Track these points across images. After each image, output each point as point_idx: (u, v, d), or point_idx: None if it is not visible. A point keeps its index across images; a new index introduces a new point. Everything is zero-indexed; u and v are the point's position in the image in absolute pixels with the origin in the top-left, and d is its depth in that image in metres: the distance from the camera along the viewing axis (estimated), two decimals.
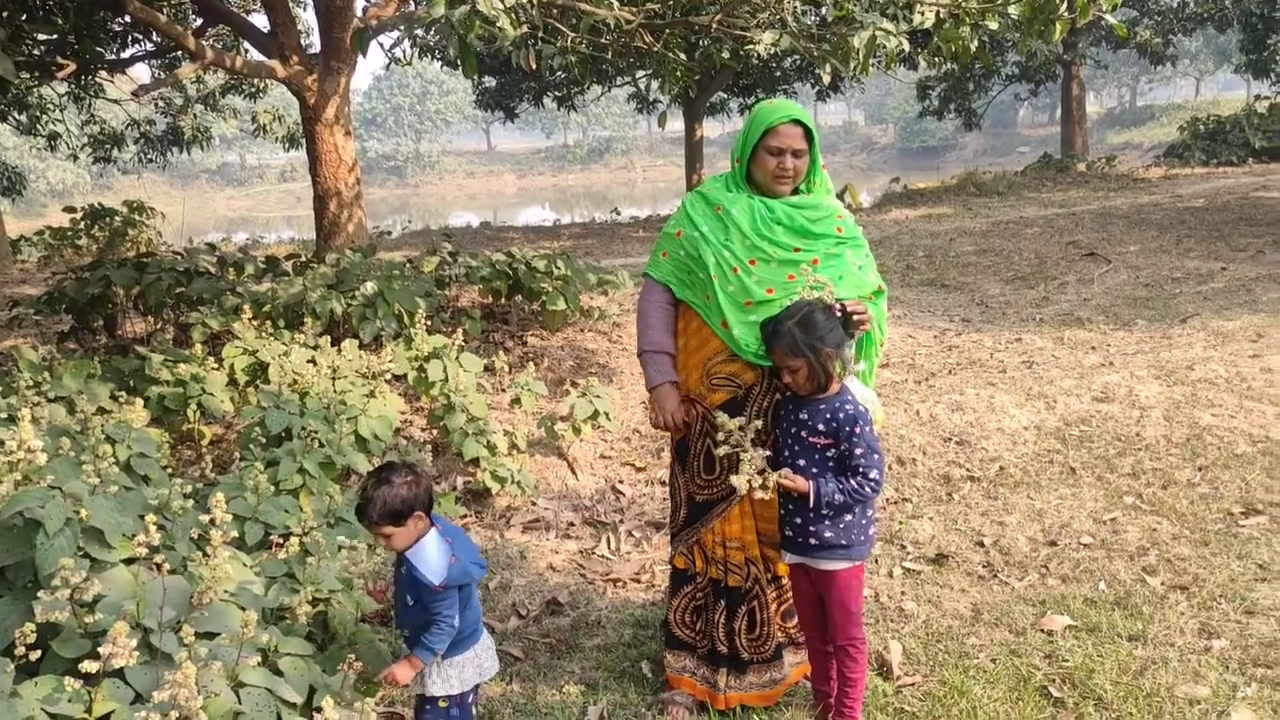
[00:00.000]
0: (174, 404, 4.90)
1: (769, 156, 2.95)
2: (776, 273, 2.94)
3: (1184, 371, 5.98)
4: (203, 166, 64.85)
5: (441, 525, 2.66)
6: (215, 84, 15.99)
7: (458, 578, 2.55)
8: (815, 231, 2.99)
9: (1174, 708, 2.98)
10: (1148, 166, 22.90)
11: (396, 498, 2.53)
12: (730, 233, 2.97)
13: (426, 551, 2.57)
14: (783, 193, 3.01)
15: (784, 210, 2.98)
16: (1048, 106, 62.12)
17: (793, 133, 2.92)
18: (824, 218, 3.02)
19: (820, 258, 2.97)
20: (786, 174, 2.96)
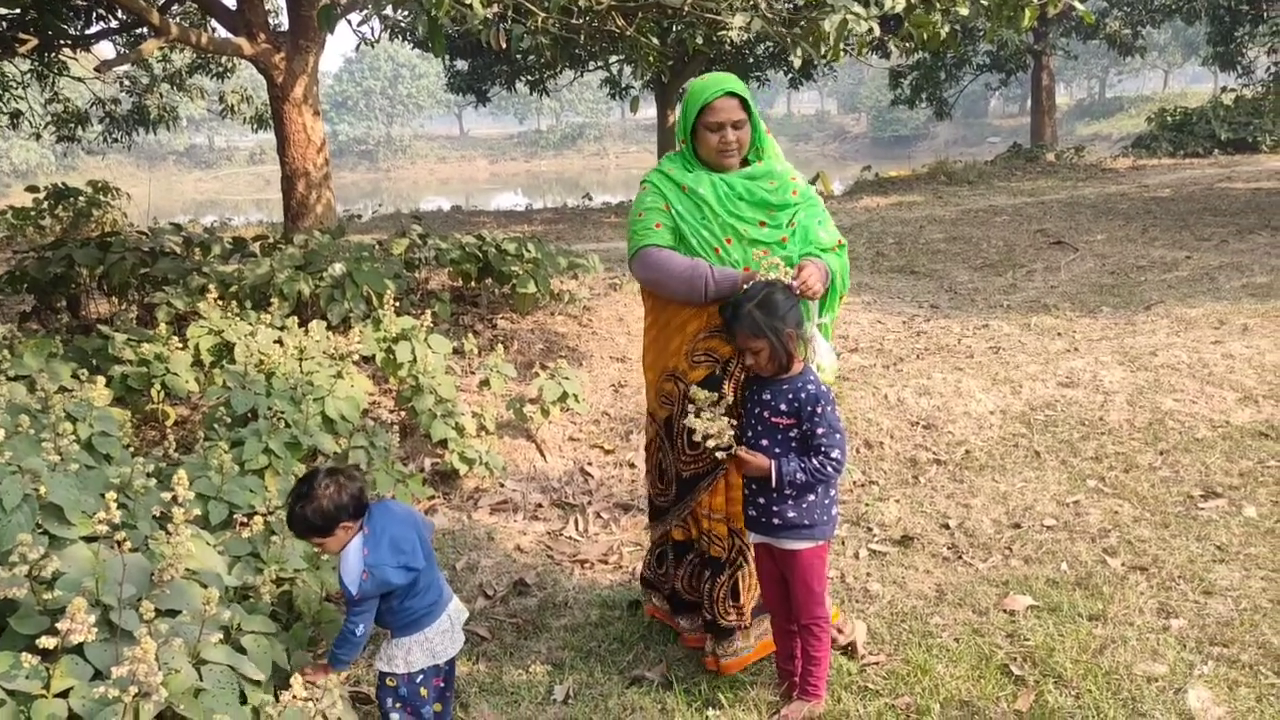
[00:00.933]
0: (137, 384, 4.84)
1: (709, 133, 2.96)
2: (747, 251, 2.96)
3: (1147, 357, 6.05)
4: (170, 148, 63.94)
5: (374, 526, 2.59)
6: (182, 63, 15.74)
7: (372, 591, 2.52)
8: (775, 202, 3.02)
9: (1132, 685, 3.02)
10: (1115, 157, 23.13)
11: (318, 512, 2.51)
12: (704, 212, 2.98)
13: (347, 559, 2.55)
14: (730, 166, 3.02)
15: (743, 185, 3.00)
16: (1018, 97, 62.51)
17: (728, 105, 2.93)
18: (780, 185, 3.04)
19: (790, 235, 3.00)
20: (729, 147, 2.97)
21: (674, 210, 3.00)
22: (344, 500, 2.53)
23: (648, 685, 3.18)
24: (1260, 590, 3.56)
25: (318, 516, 2.51)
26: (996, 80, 28.15)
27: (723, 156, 2.99)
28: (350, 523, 2.56)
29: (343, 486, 2.54)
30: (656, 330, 3.15)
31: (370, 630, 2.62)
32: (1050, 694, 3.00)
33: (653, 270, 2.99)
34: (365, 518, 2.60)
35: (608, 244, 12.53)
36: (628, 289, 8.21)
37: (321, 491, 2.52)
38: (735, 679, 3.16)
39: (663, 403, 3.16)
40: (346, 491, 2.54)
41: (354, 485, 2.57)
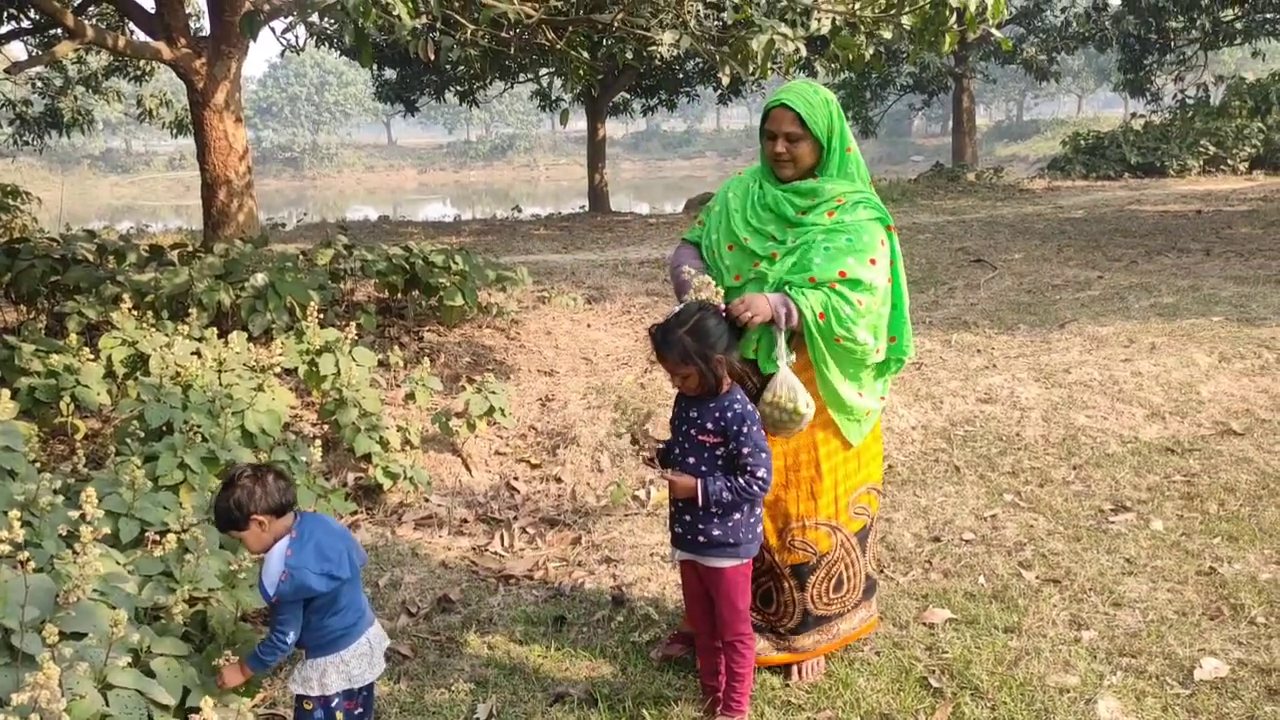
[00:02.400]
0: (45, 396, 4.68)
1: (768, 141, 3.01)
2: (744, 260, 3.01)
3: (1061, 374, 6.23)
4: (85, 151, 62.11)
5: (302, 531, 2.56)
6: (98, 65, 15.31)
7: (290, 593, 2.47)
8: (793, 219, 2.99)
9: (1045, 696, 3.10)
10: (1032, 178, 23.86)
11: (234, 504, 2.48)
12: (725, 216, 3.10)
13: (269, 561, 2.51)
14: (784, 176, 3.02)
15: (773, 196, 3.03)
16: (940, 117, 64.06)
17: (782, 116, 2.94)
18: (817, 205, 2.99)
19: (780, 252, 2.97)
20: (781, 158, 2.98)
21: (720, 210, 3.15)
22: (260, 494, 2.48)
23: (572, 702, 3.16)
24: (1166, 602, 3.68)
25: (234, 508, 2.47)
26: (919, 101, 28.83)
27: (775, 165, 3.02)
28: (266, 518, 2.50)
29: (261, 481, 2.50)
30: None
31: (298, 638, 2.56)
32: (967, 706, 3.06)
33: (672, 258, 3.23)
34: (295, 522, 2.55)
35: (537, 256, 12.50)
36: (556, 302, 8.19)
37: (240, 484, 2.49)
38: (660, 694, 3.16)
39: None
40: (265, 486, 2.49)
41: (274, 482, 2.51)
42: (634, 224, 17.06)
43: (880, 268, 2.98)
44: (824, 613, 3.23)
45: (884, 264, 3.01)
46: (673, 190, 45.28)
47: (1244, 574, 3.85)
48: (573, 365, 6.78)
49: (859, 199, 3.01)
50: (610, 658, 3.45)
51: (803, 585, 3.18)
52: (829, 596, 3.22)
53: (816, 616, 3.23)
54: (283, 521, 2.53)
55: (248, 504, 2.48)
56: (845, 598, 3.26)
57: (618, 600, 3.88)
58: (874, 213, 3.02)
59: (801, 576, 3.18)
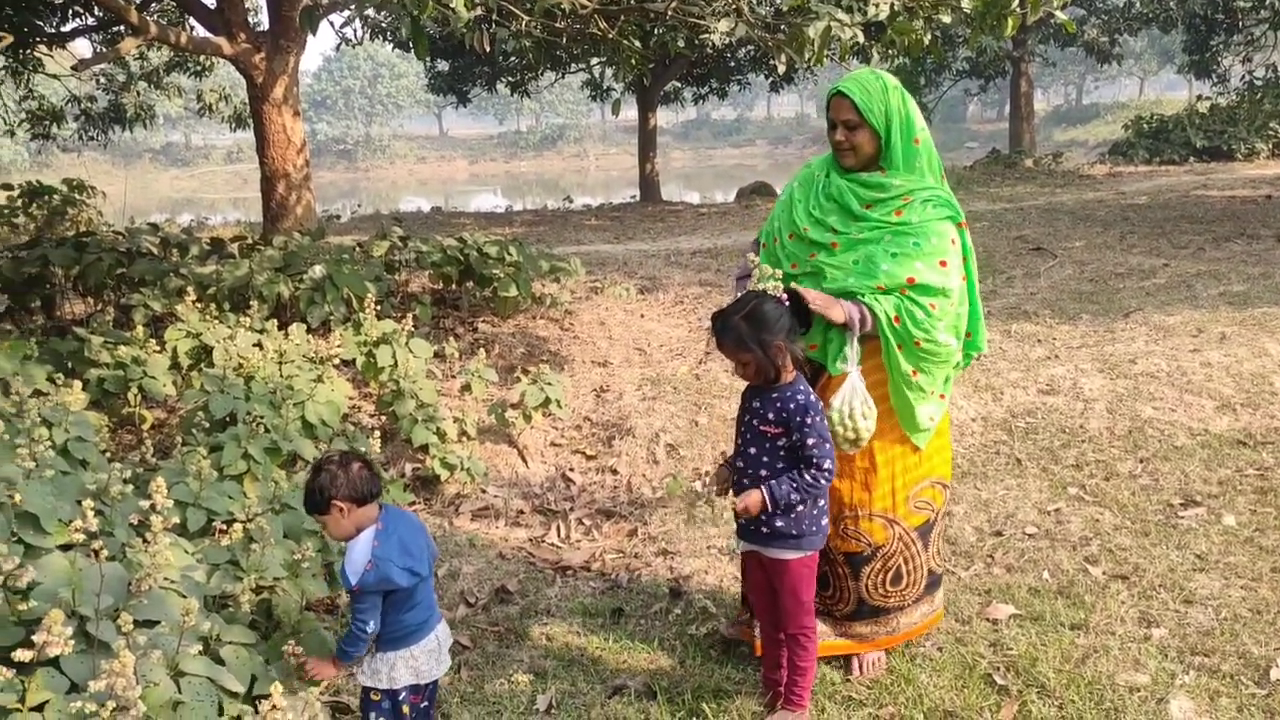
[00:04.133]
0: (114, 387, 4.78)
1: (830, 130, 3.00)
2: (802, 250, 3.01)
3: (1127, 365, 6.09)
4: (146, 146, 63.35)
5: (387, 523, 2.58)
6: (159, 61, 15.59)
7: (373, 584, 2.48)
8: (857, 212, 2.94)
9: (1115, 695, 3.03)
10: (1093, 164, 23.33)
11: (314, 487, 2.51)
12: (789, 205, 3.12)
13: (353, 551, 2.52)
14: (846, 165, 3.00)
15: (838, 187, 3.00)
16: (996, 102, 62.94)
17: (839, 105, 2.93)
18: (883, 200, 2.93)
19: (840, 244, 2.93)
20: (841, 146, 2.97)
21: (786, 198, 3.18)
22: (343, 481, 2.51)
23: (630, 695, 3.16)
24: (1240, 599, 3.58)
25: (317, 491, 2.50)
26: (975, 86, 28.34)
27: (837, 153, 3.01)
28: (347, 505, 2.52)
29: (346, 468, 2.52)
30: None
31: (378, 629, 2.58)
32: (1034, 704, 3.00)
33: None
34: (380, 514, 2.57)
35: (589, 246, 12.50)
36: (609, 293, 8.19)
37: (325, 468, 2.52)
38: (719, 687, 3.15)
39: None
40: (348, 474, 2.51)
41: (359, 471, 2.53)
42: (685, 214, 16.99)
43: (952, 269, 2.92)
44: (880, 604, 3.20)
45: (956, 264, 2.94)
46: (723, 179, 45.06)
47: None
48: (626, 356, 6.77)
49: (928, 196, 2.93)
50: (668, 650, 3.44)
51: (857, 574, 3.16)
52: (886, 588, 3.18)
53: (873, 607, 3.20)
54: (364, 511, 2.55)
55: (329, 489, 2.50)
56: (905, 591, 3.21)
57: (675, 593, 3.87)
58: (944, 210, 2.95)
59: (855, 565, 3.15)
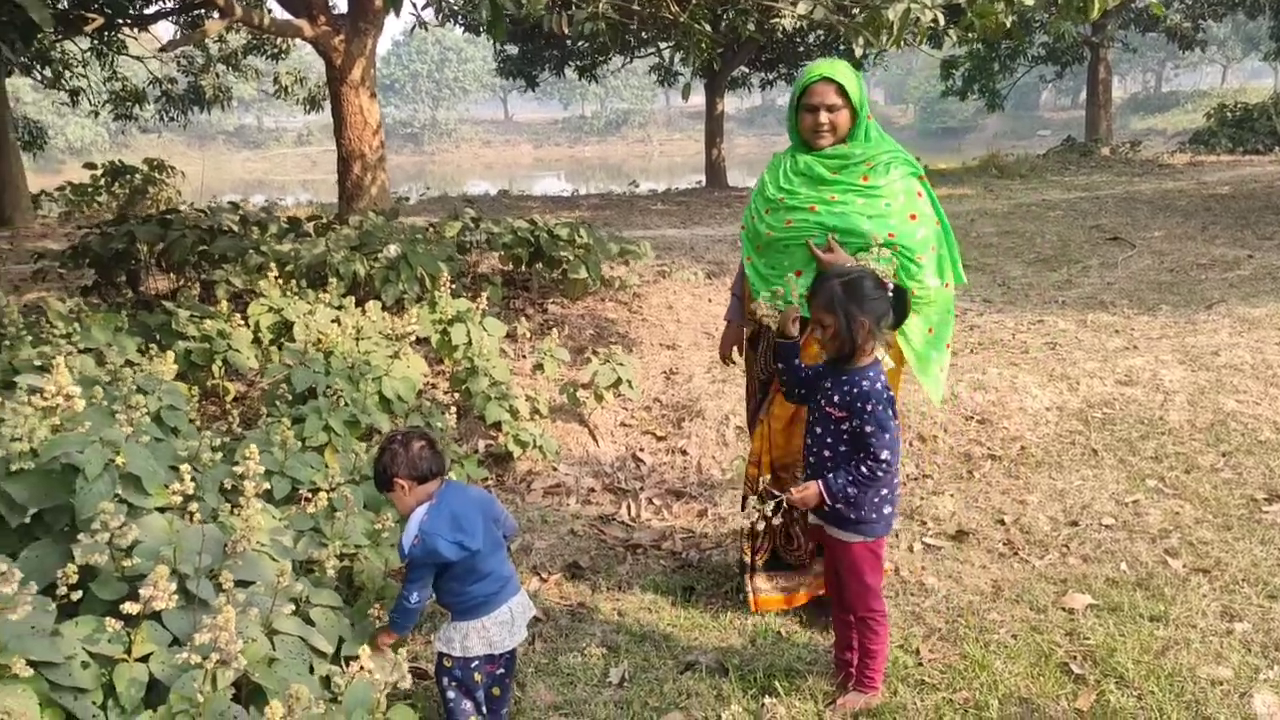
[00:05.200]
0: (200, 359, 4.92)
1: (806, 114, 3.23)
2: (779, 219, 3.26)
3: (1209, 357, 5.94)
4: (220, 128, 64.74)
5: (441, 498, 2.64)
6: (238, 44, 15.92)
7: (420, 557, 2.55)
8: (829, 179, 3.23)
9: (1196, 688, 2.98)
10: (1173, 152, 22.66)
11: (378, 466, 2.62)
12: (764, 189, 3.36)
13: (409, 523, 2.61)
14: (821, 145, 3.26)
15: (804, 161, 3.27)
16: (1071, 90, 61.51)
17: (824, 89, 3.18)
18: (850, 165, 3.23)
19: (819, 204, 3.20)
20: (820, 128, 3.21)
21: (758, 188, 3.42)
22: (403, 459, 2.59)
23: (702, 671, 3.19)
24: None
25: (381, 469, 2.61)
26: (1051, 72, 27.69)
27: (815, 136, 3.24)
28: (408, 483, 2.60)
29: (407, 446, 2.60)
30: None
31: (425, 601, 2.65)
32: (1112, 694, 2.96)
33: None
34: (438, 489, 2.63)
35: (655, 230, 12.51)
36: (676, 276, 8.19)
37: (389, 447, 2.62)
38: (791, 667, 3.16)
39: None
40: (409, 452, 2.60)
41: (420, 450, 2.60)
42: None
43: (922, 219, 3.25)
44: None
45: (926, 213, 3.27)
46: None
47: None
48: (694, 339, 6.78)
49: (889, 159, 3.25)
50: (739, 630, 3.46)
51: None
52: None
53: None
54: (425, 488, 2.62)
55: (391, 467, 2.60)
56: None
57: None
58: (905, 169, 3.27)
59: None
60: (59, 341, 4.05)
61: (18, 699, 1.93)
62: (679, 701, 3.03)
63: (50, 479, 2.45)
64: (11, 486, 2.41)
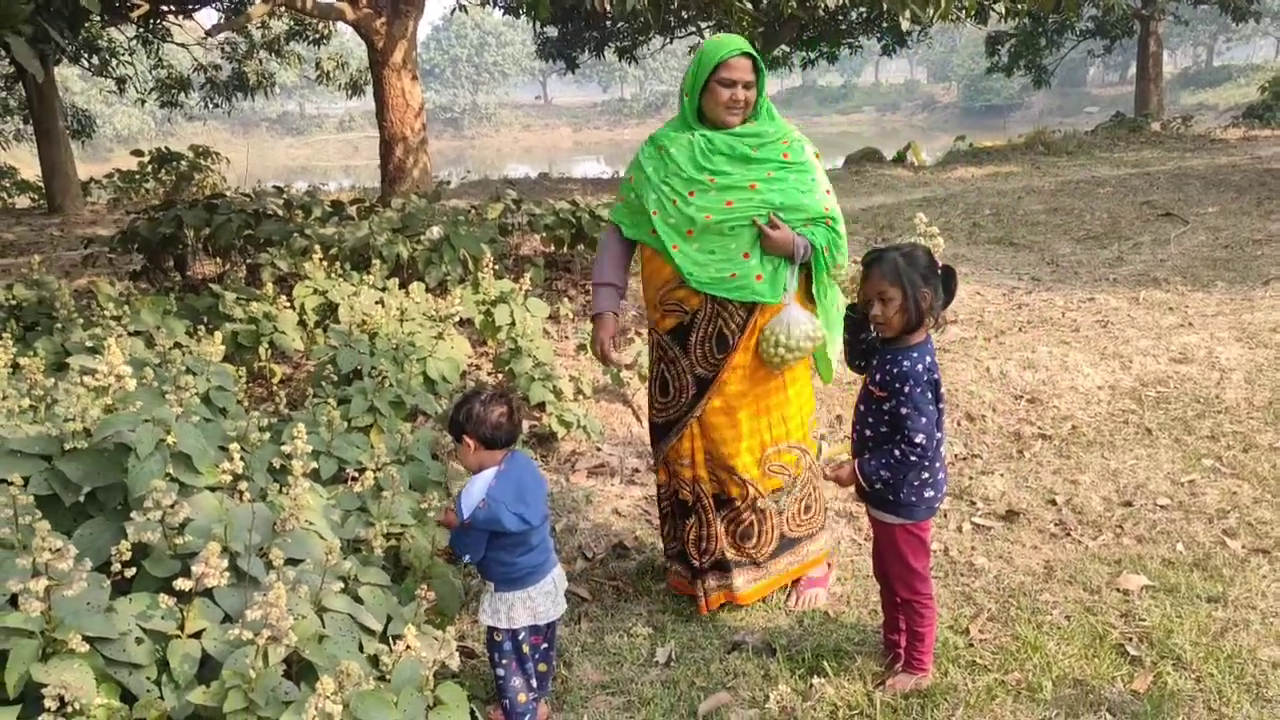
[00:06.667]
0: (247, 341, 4.97)
1: (721, 89, 3.08)
2: (714, 200, 3.09)
3: (1267, 334, 5.79)
4: (263, 115, 65.47)
5: (510, 467, 2.65)
6: (280, 30, 16.04)
7: (483, 521, 2.56)
8: (755, 157, 3.13)
9: (1256, 670, 2.91)
10: (1225, 127, 22.12)
11: (455, 415, 2.64)
12: (669, 167, 3.15)
13: (473, 484, 2.63)
14: (733, 123, 3.14)
15: (724, 141, 3.13)
16: (1119, 65, 60.28)
17: (743, 65, 3.06)
18: (767, 143, 3.15)
19: (759, 182, 3.10)
20: (737, 104, 3.10)
21: (641, 176, 3.22)
22: (479, 419, 2.60)
23: (749, 650, 3.17)
24: None
25: (455, 419, 2.64)
26: (1099, 47, 27.12)
27: (729, 113, 3.12)
28: (475, 441, 2.62)
29: (488, 409, 2.61)
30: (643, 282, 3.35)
31: (476, 561, 2.66)
32: (1169, 675, 2.90)
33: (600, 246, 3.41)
34: (506, 457, 2.65)
35: None
36: None
37: (469, 402, 2.64)
38: (839, 647, 3.13)
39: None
40: (487, 415, 2.60)
41: (497, 416, 2.61)
42: None
43: (833, 194, 3.25)
44: (797, 535, 3.39)
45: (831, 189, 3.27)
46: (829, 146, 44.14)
47: None
48: None
49: (797, 137, 3.20)
50: (785, 610, 3.43)
51: (781, 509, 3.33)
52: (800, 518, 3.38)
53: (790, 539, 3.38)
54: (493, 454, 2.63)
55: (465, 423, 2.62)
56: (813, 520, 3.42)
57: None
58: (811, 146, 3.27)
59: (780, 500, 3.32)
60: (109, 324, 4.11)
61: (74, 674, 1.95)
62: (726, 681, 3.02)
63: (103, 458, 2.47)
64: (66, 466, 2.43)
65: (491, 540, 2.61)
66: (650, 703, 2.93)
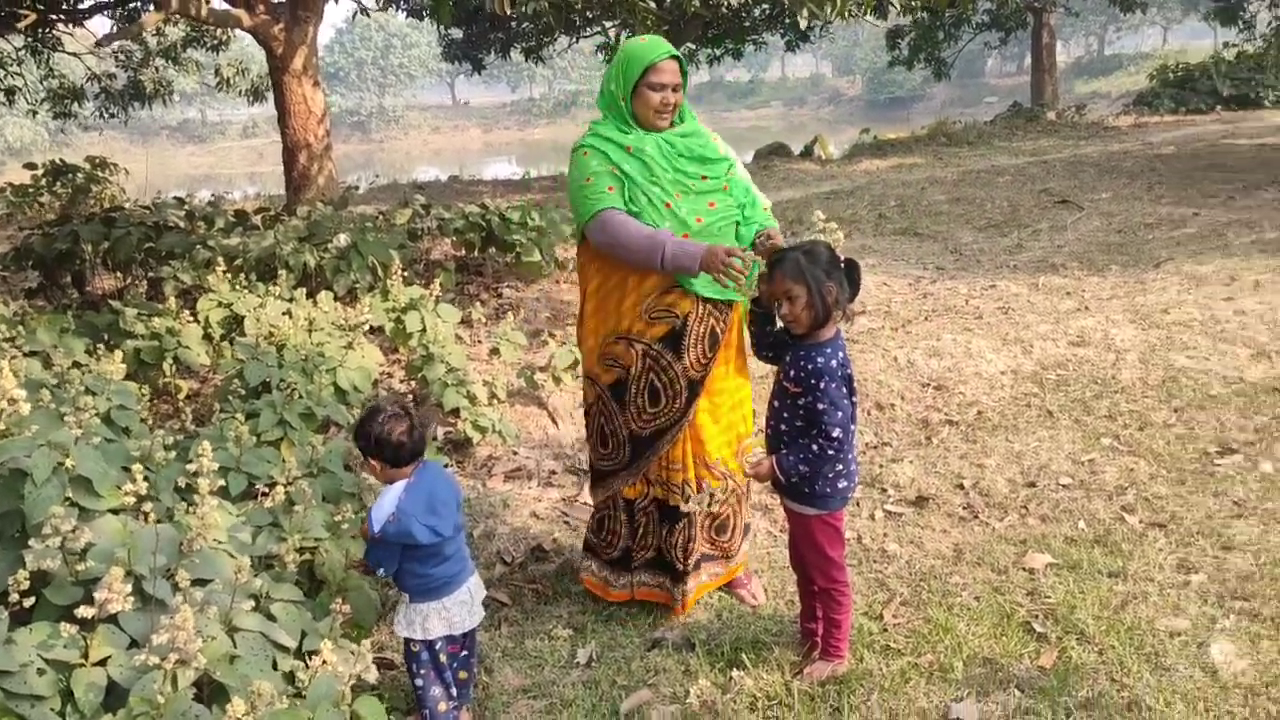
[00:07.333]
0: (150, 358, 4.84)
1: (652, 93, 3.02)
2: (698, 203, 3.05)
3: (1159, 315, 6.05)
4: (163, 123, 63.48)
5: (420, 478, 2.61)
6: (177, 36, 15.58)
7: (393, 535, 2.53)
8: (711, 157, 3.12)
9: (1155, 640, 3.04)
10: (1117, 115, 22.98)
11: (358, 434, 2.61)
12: (652, 170, 3.03)
13: (382, 498, 2.59)
14: (662, 127, 3.09)
15: (681, 143, 3.09)
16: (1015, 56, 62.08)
17: (672, 67, 3.02)
18: (709, 143, 3.16)
19: (729, 183, 3.13)
20: (668, 108, 3.05)
21: (620, 171, 3.03)
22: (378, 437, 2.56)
23: (669, 647, 3.20)
24: (1279, 545, 3.57)
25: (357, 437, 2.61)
26: (995, 39, 27.91)
27: (659, 117, 3.06)
28: (380, 464, 2.59)
29: (386, 425, 2.56)
30: (603, 294, 3.16)
31: (392, 572, 2.63)
32: (1074, 650, 3.02)
33: (612, 234, 2.98)
34: (417, 469, 2.62)
35: None
36: None
37: (368, 424, 2.59)
38: (757, 639, 3.18)
39: (609, 366, 3.19)
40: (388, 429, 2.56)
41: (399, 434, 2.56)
42: None
43: None
44: (748, 519, 3.53)
45: None
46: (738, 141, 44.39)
47: None
48: None
49: (720, 138, 3.22)
50: (705, 605, 3.46)
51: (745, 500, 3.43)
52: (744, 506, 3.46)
53: (745, 524, 3.48)
54: (400, 470, 2.60)
55: (366, 445, 2.58)
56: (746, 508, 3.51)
57: None
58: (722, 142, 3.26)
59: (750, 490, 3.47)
60: (2, 345, 3.95)
61: None
62: (647, 679, 3.04)
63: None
64: None
65: (405, 552, 2.58)
66: (572, 704, 2.93)
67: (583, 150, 3.09)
